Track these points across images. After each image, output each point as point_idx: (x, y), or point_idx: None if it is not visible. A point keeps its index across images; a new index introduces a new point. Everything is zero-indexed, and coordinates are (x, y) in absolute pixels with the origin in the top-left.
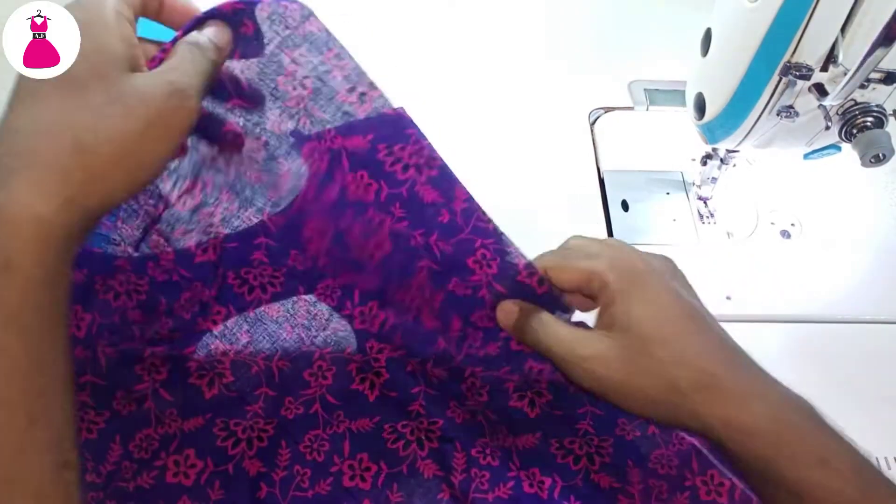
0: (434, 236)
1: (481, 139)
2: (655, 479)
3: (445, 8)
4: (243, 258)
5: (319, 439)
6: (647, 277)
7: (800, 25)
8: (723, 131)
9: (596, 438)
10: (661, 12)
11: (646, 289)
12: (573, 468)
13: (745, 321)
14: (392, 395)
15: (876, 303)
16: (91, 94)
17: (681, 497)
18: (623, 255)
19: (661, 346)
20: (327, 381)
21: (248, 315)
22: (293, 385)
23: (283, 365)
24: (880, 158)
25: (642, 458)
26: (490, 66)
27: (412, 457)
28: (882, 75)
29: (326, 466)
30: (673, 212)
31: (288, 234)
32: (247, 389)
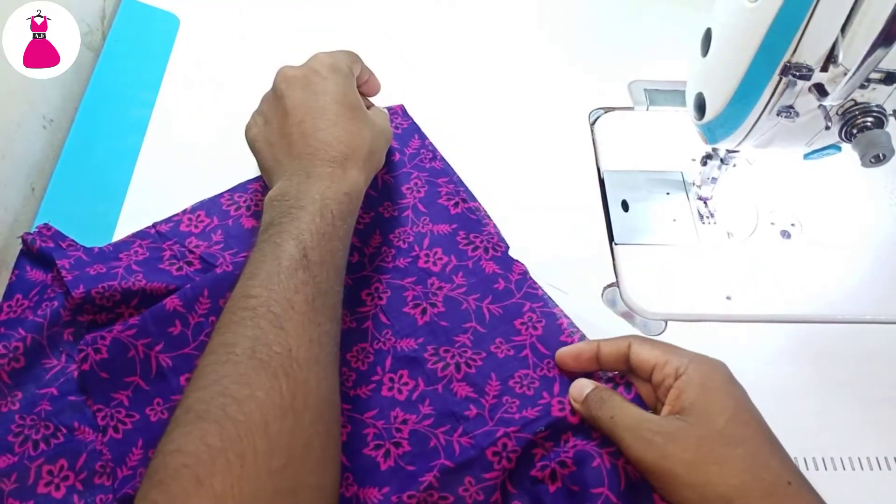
0: (488, 300)
1: (481, 139)
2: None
3: (445, 8)
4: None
5: None
6: (727, 377)
7: (800, 25)
8: (723, 131)
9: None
10: (661, 12)
11: (727, 387)
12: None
13: (745, 321)
14: (409, 468)
15: (876, 303)
16: (357, 122)
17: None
18: (703, 355)
19: (740, 445)
20: (342, 440)
21: None
22: None
23: None
24: (880, 158)
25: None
26: (490, 66)
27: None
28: (882, 75)
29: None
30: (673, 212)
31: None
32: None
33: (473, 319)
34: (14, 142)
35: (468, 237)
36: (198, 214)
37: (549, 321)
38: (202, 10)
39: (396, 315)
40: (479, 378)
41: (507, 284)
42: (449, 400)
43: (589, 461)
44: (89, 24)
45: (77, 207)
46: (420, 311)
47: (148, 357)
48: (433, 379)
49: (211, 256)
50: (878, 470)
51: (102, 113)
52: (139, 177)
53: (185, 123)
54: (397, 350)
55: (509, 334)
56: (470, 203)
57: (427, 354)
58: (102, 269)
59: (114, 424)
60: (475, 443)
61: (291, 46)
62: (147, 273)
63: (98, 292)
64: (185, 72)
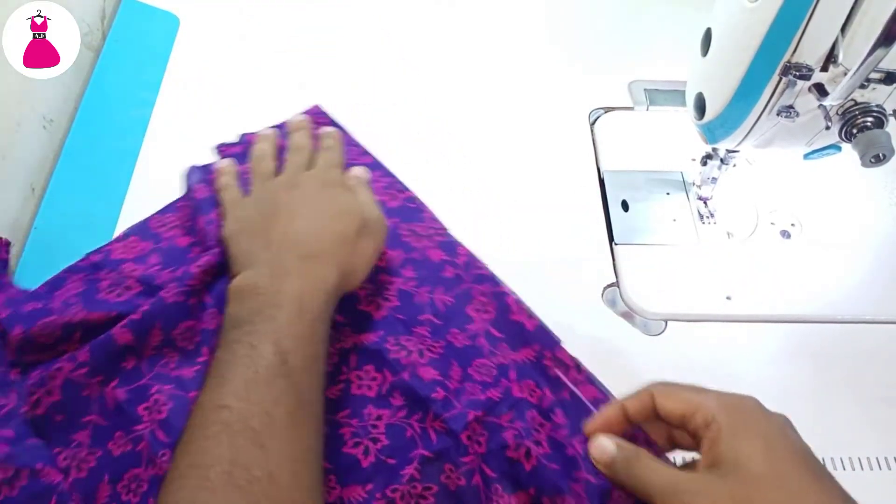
0: (439, 291)
1: (481, 139)
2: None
3: (445, 8)
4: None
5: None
6: (755, 415)
7: (800, 25)
8: (723, 131)
9: (586, 501)
10: (661, 12)
11: (756, 425)
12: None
13: (745, 321)
14: (390, 461)
15: (876, 303)
16: (343, 221)
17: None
18: (730, 394)
19: (775, 486)
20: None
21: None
22: None
23: None
24: (880, 158)
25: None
26: (490, 66)
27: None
28: (882, 75)
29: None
30: (673, 212)
31: None
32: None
33: (428, 311)
34: (14, 142)
35: (410, 228)
36: (130, 240)
37: (498, 302)
38: (202, 10)
39: (351, 312)
40: (441, 363)
41: (455, 270)
42: (417, 385)
43: (563, 449)
44: (89, 24)
45: (77, 207)
46: (375, 306)
47: (103, 394)
48: (398, 368)
49: (150, 278)
50: (878, 470)
51: (102, 113)
52: (139, 177)
53: (185, 123)
54: (358, 346)
55: (463, 323)
56: (406, 193)
57: (388, 345)
58: (38, 306)
59: (76, 464)
60: (448, 427)
61: (291, 46)
62: (85, 303)
63: (37, 330)
64: (185, 72)
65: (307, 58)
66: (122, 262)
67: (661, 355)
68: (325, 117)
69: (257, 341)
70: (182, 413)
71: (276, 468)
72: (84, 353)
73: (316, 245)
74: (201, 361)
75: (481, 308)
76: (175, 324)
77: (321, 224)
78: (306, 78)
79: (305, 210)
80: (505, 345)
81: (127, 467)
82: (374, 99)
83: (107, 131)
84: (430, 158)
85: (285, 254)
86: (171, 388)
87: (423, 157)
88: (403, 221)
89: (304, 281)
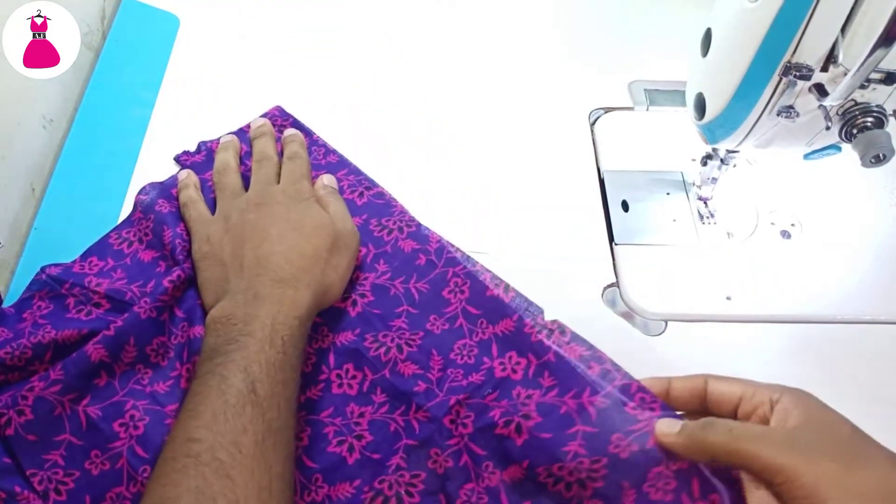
0: (413, 280)
1: (481, 139)
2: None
3: (445, 8)
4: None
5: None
6: (818, 400)
7: (800, 25)
8: (723, 131)
9: (587, 461)
10: (661, 12)
11: (826, 406)
12: (565, 496)
13: (745, 321)
14: (375, 456)
15: (876, 303)
16: (312, 242)
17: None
18: (782, 385)
19: (877, 446)
20: (303, 443)
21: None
22: None
23: None
24: (880, 158)
25: (639, 478)
26: (490, 67)
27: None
28: (882, 75)
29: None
30: (673, 212)
31: None
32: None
33: (404, 302)
34: (14, 142)
35: (380, 222)
36: (90, 261)
37: (472, 281)
38: (202, 10)
39: (327, 311)
40: (421, 355)
41: (427, 257)
42: (398, 382)
43: (555, 410)
44: (89, 24)
45: (77, 207)
46: (350, 303)
47: (76, 412)
48: (378, 366)
49: (117, 292)
50: None
51: (102, 113)
52: (139, 177)
53: (185, 123)
54: (337, 345)
55: (440, 307)
56: (374, 189)
57: (367, 343)
58: (9, 335)
59: (54, 487)
60: (431, 415)
61: (291, 46)
62: (55, 323)
63: (7, 353)
64: (185, 72)
65: (307, 58)
66: (84, 276)
67: (661, 355)
68: (286, 118)
69: (228, 371)
70: (159, 428)
71: (243, 497)
72: (57, 370)
73: (287, 268)
74: (174, 375)
75: (456, 289)
76: (149, 339)
77: (292, 244)
78: (306, 78)
79: (275, 230)
80: (484, 320)
81: (108, 486)
82: (373, 99)
83: (107, 131)
84: (430, 158)
85: (257, 279)
86: (147, 404)
87: (423, 157)
88: (372, 217)
89: (277, 306)
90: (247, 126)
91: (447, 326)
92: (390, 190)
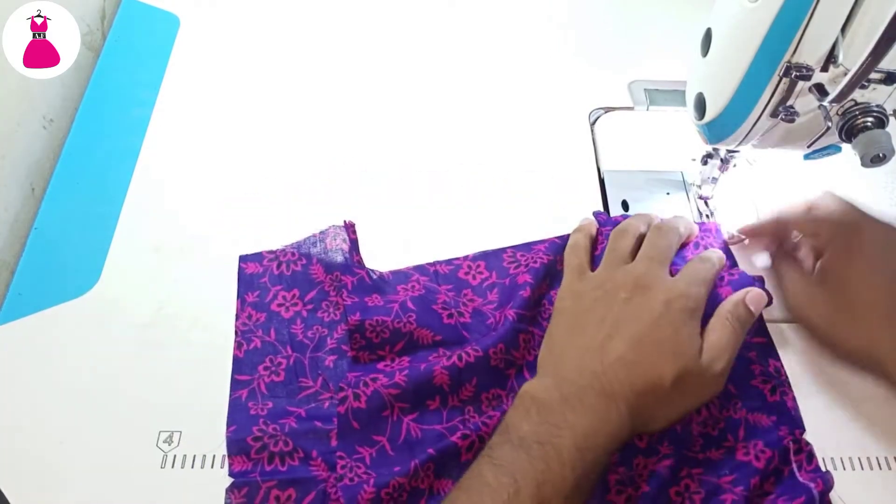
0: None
1: (481, 139)
2: None
3: (445, 8)
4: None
5: None
6: (863, 236)
7: (800, 25)
8: (723, 131)
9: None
10: (661, 12)
11: (861, 249)
12: None
13: None
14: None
15: None
16: (671, 366)
17: None
18: (844, 209)
19: (869, 308)
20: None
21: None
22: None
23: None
24: (880, 158)
25: None
26: (490, 66)
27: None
28: (882, 75)
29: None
30: (673, 212)
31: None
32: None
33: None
34: (14, 142)
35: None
36: (478, 265)
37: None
38: (202, 10)
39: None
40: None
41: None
42: (685, 438)
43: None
44: (89, 24)
45: (77, 207)
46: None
47: (400, 421)
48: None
49: (483, 315)
50: (878, 470)
51: (102, 113)
52: (139, 177)
53: (185, 123)
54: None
55: (735, 375)
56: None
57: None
58: (380, 303)
59: (351, 476)
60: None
61: (291, 46)
62: (420, 314)
63: (371, 324)
64: (185, 72)
65: (307, 58)
66: (464, 286)
67: None
68: (715, 236)
69: (521, 478)
70: (454, 467)
71: None
72: (403, 375)
73: (624, 385)
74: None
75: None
76: (489, 386)
77: (639, 357)
78: (307, 77)
79: (632, 330)
80: (739, 402)
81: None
82: (373, 99)
83: (107, 131)
84: (430, 158)
85: (591, 378)
86: (451, 445)
87: (423, 157)
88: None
89: (596, 423)
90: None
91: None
92: (390, 189)
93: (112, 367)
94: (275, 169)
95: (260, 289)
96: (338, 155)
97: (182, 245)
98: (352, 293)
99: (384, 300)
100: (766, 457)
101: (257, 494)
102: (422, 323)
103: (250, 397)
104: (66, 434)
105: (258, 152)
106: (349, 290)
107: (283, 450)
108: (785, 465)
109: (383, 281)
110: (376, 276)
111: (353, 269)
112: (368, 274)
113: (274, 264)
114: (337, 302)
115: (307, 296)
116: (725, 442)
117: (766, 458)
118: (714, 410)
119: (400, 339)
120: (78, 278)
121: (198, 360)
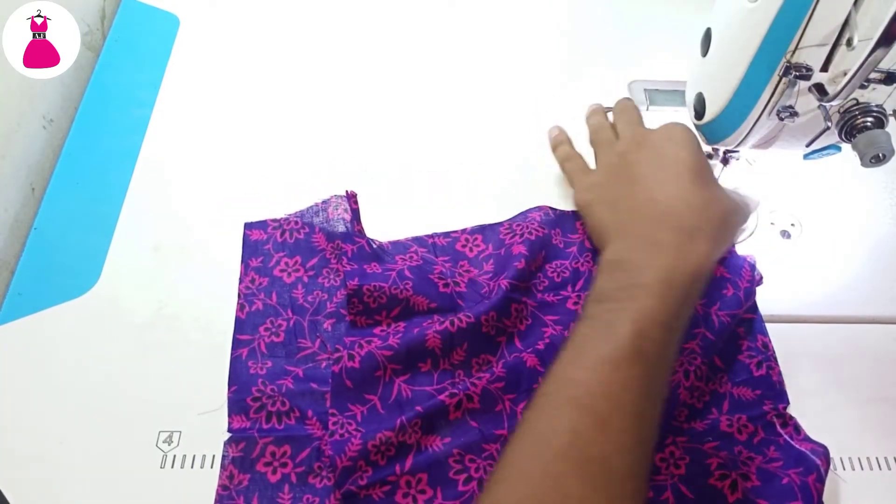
0: (716, 307)
1: (481, 139)
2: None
3: (445, 8)
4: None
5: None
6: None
7: (799, 25)
8: (723, 131)
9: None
10: (661, 12)
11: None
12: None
13: None
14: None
15: (876, 303)
16: (712, 192)
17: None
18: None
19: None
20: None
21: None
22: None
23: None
24: (880, 158)
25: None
26: (490, 67)
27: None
28: (882, 75)
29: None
30: None
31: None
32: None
33: (702, 325)
34: (14, 142)
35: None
36: (475, 238)
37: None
38: (202, 10)
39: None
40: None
41: (736, 292)
42: (670, 409)
43: (777, 479)
44: (89, 24)
45: (77, 207)
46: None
47: (392, 381)
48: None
49: (476, 285)
50: (878, 470)
51: (102, 113)
52: (139, 177)
53: (185, 123)
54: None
55: (723, 349)
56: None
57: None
58: (378, 270)
59: (341, 432)
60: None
61: (292, 46)
62: (417, 282)
63: (368, 290)
64: (185, 72)
65: (307, 58)
66: (460, 258)
67: None
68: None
69: (616, 320)
70: (440, 418)
71: (614, 453)
72: (396, 339)
73: (688, 215)
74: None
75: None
76: (480, 351)
77: (691, 190)
78: (307, 78)
79: (664, 174)
80: (726, 375)
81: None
82: (373, 99)
83: (107, 131)
84: (430, 158)
85: (655, 223)
86: (436, 403)
87: (422, 157)
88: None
89: (676, 258)
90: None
91: (705, 369)
92: (390, 189)
93: (112, 366)
94: (275, 169)
95: (263, 255)
96: (338, 155)
97: (182, 245)
98: (351, 260)
99: (382, 268)
100: (748, 431)
101: (254, 449)
102: (418, 290)
103: (250, 356)
104: (66, 434)
105: (258, 152)
106: (349, 258)
107: (280, 409)
108: (774, 436)
109: (382, 250)
110: (376, 246)
111: (354, 238)
112: (368, 243)
113: (277, 232)
114: (337, 269)
115: (309, 262)
116: (710, 415)
117: (749, 433)
118: (701, 382)
119: (396, 305)
120: (78, 278)
121: (198, 360)
